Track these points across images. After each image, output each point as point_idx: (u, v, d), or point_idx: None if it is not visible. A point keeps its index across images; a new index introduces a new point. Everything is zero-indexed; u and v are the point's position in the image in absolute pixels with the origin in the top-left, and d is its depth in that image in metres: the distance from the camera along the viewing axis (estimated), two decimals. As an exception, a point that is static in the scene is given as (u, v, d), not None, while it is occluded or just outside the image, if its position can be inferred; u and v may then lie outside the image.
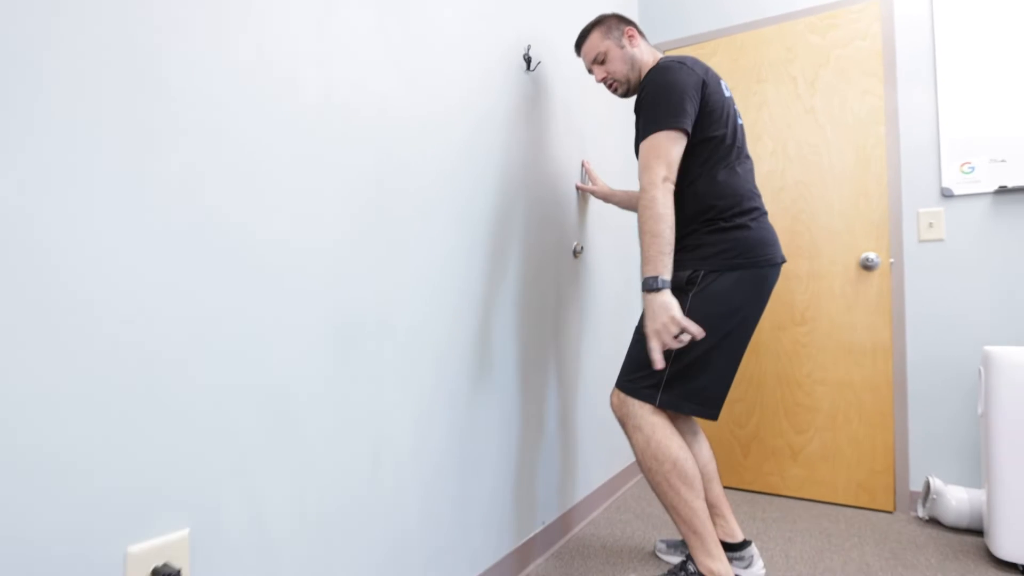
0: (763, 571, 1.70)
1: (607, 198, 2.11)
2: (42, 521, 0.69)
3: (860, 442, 2.30)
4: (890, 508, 2.25)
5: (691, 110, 1.49)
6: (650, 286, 1.41)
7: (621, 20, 1.76)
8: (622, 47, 1.73)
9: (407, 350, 1.29)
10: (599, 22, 1.77)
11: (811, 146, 2.42)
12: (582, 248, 2.09)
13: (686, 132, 1.48)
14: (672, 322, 1.38)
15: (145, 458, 0.80)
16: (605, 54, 1.75)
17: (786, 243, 2.46)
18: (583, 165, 2.18)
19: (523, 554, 1.72)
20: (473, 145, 1.53)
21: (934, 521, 2.15)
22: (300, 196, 1.04)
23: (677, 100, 1.48)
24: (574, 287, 2.10)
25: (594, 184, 2.15)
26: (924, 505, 2.13)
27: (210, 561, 0.88)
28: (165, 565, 0.82)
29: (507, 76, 1.71)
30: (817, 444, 2.38)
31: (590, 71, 1.82)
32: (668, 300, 1.40)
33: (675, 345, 1.39)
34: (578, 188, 2.13)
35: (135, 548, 0.79)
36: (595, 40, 1.77)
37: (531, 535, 1.77)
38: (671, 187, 1.45)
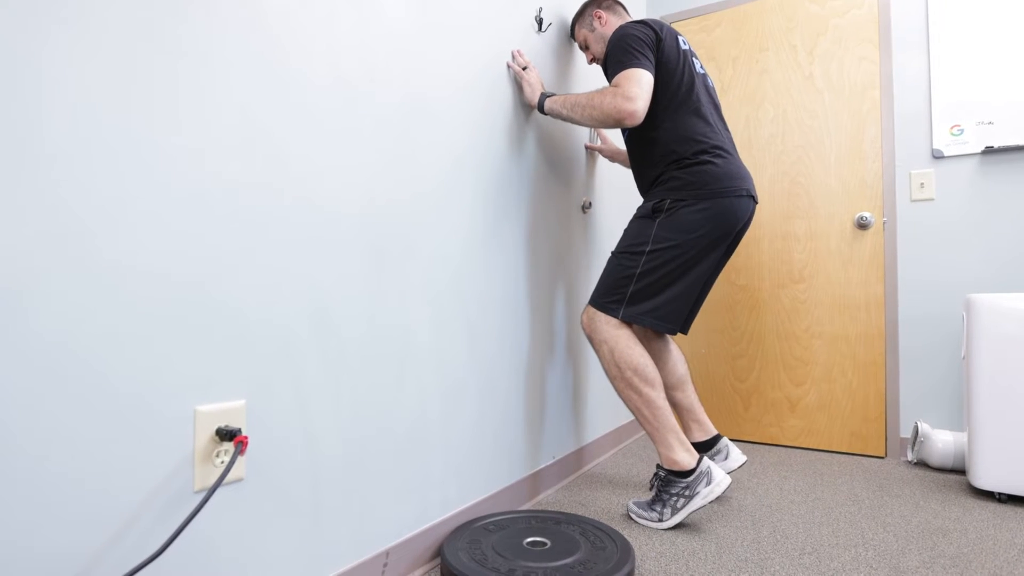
0: (743, 457, 1.88)
1: (613, 156, 2.23)
2: (119, 370, 0.84)
3: (854, 393, 2.42)
4: (881, 453, 2.36)
5: (649, 55, 1.65)
6: (541, 100, 1.77)
7: (592, 3, 1.96)
8: (594, 30, 1.95)
9: (428, 273, 1.42)
10: (579, 14, 2.00)
11: (810, 111, 2.53)
12: (590, 204, 2.22)
13: (648, 70, 1.62)
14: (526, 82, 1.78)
15: (208, 338, 0.94)
16: (585, 41, 1.99)
17: (786, 204, 2.57)
18: (592, 126, 2.30)
19: (534, 483, 1.86)
20: (491, 100, 1.66)
21: (922, 464, 2.27)
22: (342, 144, 1.18)
23: (635, 47, 1.64)
24: (582, 240, 2.22)
25: (603, 143, 2.28)
26: (913, 449, 2.25)
27: (262, 427, 1.03)
28: (227, 425, 0.96)
29: (522, 37, 1.83)
30: (814, 396, 2.50)
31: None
32: (536, 99, 1.78)
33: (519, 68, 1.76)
34: (587, 147, 2.25)
35: (203, 407, 0.93)
36: (577, 32, 2.02)
37: (542, 466, 1.91)
38: (631, 108, 1.57)
